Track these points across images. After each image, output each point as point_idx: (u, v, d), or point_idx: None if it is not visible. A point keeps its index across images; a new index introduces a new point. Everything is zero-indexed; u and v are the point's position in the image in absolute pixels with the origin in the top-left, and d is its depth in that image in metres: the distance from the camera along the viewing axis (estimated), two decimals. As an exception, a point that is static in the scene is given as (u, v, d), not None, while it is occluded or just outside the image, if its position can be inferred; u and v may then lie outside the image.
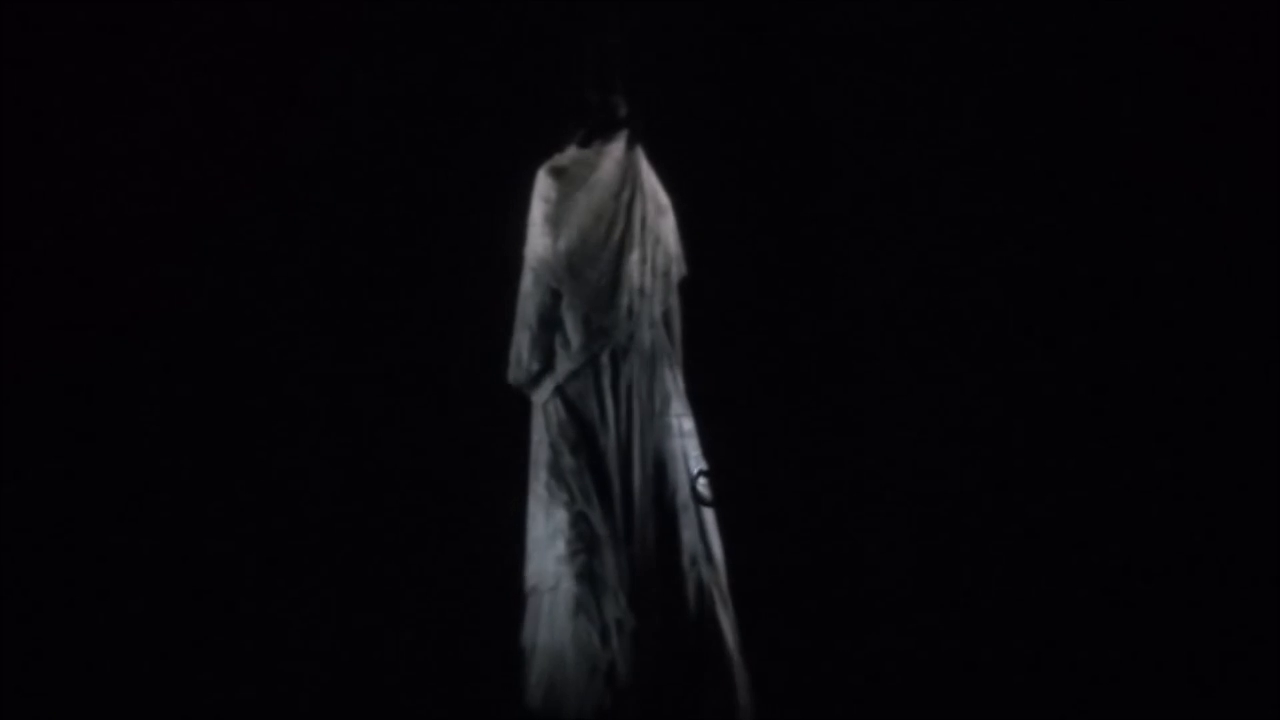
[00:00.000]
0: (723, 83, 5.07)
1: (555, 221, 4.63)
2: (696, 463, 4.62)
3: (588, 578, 4.48)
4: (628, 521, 4.54)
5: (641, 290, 4.60)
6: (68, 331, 5.10)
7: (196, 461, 5.09)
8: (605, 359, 4.58)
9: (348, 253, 5.16)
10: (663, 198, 4.70)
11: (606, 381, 4.57)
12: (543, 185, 4.68)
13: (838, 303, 5.03)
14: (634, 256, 4.61)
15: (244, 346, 5.12)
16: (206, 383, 5.11)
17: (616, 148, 4.67)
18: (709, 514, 4.62)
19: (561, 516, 4.53)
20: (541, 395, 4.59)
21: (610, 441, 4.55)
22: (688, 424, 4.65)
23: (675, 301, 4.69)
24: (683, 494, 4.58)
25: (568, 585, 4.48)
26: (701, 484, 4.61)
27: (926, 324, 5.00)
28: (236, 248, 5.12)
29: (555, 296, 4.60)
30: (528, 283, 4.64)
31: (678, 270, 4.70)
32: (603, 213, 4.62)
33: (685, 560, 4.55)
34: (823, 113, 5.08)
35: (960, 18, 4.95)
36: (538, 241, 4.64)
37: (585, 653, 4.45)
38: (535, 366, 4.59)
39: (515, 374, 4.61)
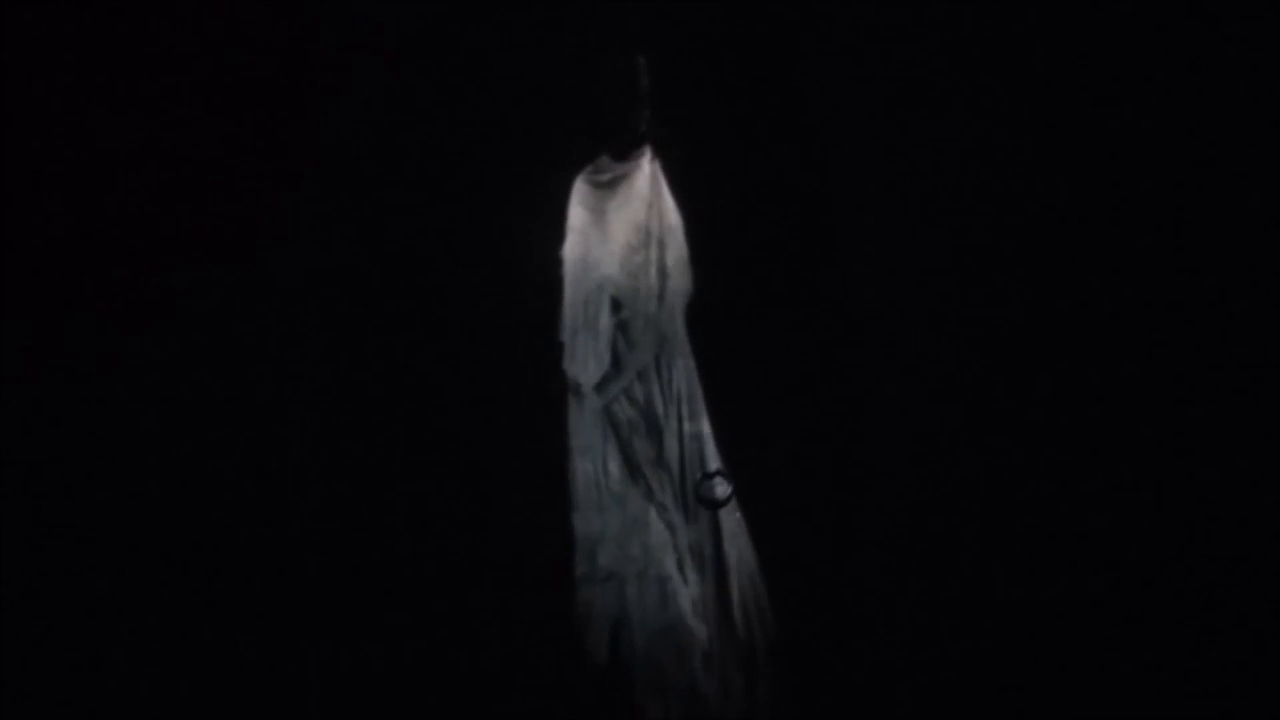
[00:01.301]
0: (732, 92, 5.23)
1: (604, 231, 4.96)
2: (709, 463, 4.98)
3: (677, 564, 4.88)
4: (685, 510, 4.94)
5: (677, 292, 4.96)
6: (96, 334, 5.08)
7: (206, 461, 5.11)
8: (663, 359, 4.94)
9: (369, 256, 5.21)
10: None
11: (664, 378, 4.94)
12: (586, 195, 5.00)
13: (845, 305, 5.20)
14: (670, 262, 4.94)
15: (257, 347, 5.16)
16: (217, 383, 5.13)
17: (644, 160, 4.99)
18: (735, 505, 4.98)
19: (642, 507, 4.91)
20: (608, 396, 4.94)
21: (671, 437, 4.92)
22: (704, 426, 4.99)
23: None
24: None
25: (657, 571, 4.88)
26: (706, 485, 4.94)
27: (932, 325, 5.16)
28: (254, 250, 5.15)
29: (615, 303, 4.95)
30: (586, 289, 4.98)
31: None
32: (639, 222, 4.97)
33: (727, 546, 4.93)
34: (830, 118, 5.25)
35: (976, 30, 5.13)
36: (592, 250, 4.97)
37: (689, 633, 4.85)
38: (604, 370, 4.94)
39: (584, 378, 4.95)
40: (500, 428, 5.09)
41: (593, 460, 4.91)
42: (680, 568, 4.86)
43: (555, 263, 4.98)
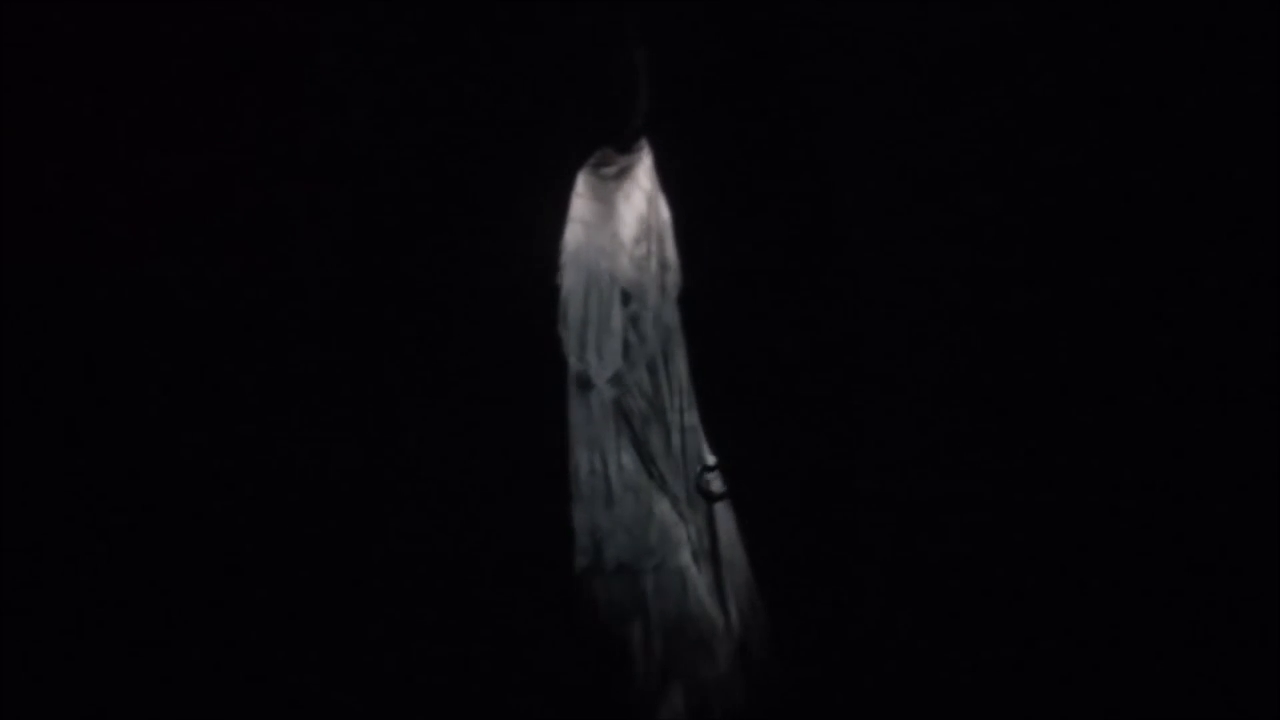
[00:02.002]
0: (729, 83, 5.22)
1: (612, 223, 4.94)
2: (705, 456, 4.98)
3: (694, 555, 4.88)
4: (690, 501, 4.94)
5: (675, 285, 4.95)
6: (98, 330, 5.09)
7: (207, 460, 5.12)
8: (667, 351, 4.93)
9: (368, 250, 5.21)
10: None
11: (670, 370, 4.92)
12: (593, 187, 4.97)
13: (845, 299, 5.20)
14: (670, 253, 4.94)
15: (255, 340, 5.16)
16: (216, 374, 5.13)
17: (644, 152, 4.97)
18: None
19: (657, 498, 4.89)
20: (620, 389, 4.91)
21: (675, 429, 4.91)
22: (697, 419, 4.98)
23: None
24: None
25: (676, 563, 4.87)
26: (704, 479, 4.96)
27: (932, 326, 5.16)
28: (254, 245, 5.15)
29: (626, 296, 4.93)
30: (597, 282, 4.94)
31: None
32: (641, 214, 4.95)
33: (722, 539, 4.93)
34: (830, 108, 5.23)
35: (978, 24, 5.12)
36: (600, 243, 4.93)
37: (709, 624, 4.85)
38: (617, 364, 4.90)
39: (597, 372, 4.91)
40: (504, 421, 5.06)
41: (601, 453, 4.88)
42: (695, 559, 4.87)
43: (557, 254, 4.95)
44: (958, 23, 5.11)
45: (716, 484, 4.92)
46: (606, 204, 4.94)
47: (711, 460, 4.93)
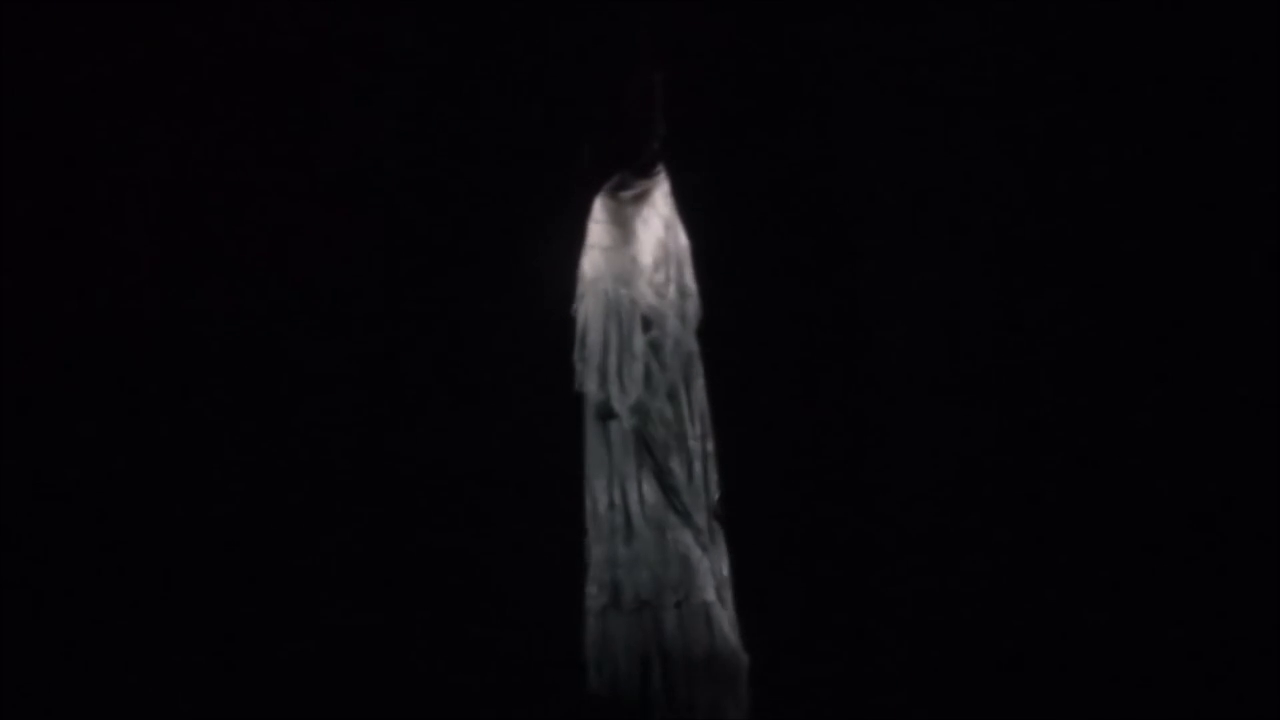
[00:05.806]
0: (747, 108, 5.21)
1: (631, 248, 4.84)
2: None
3: (715, 589, 4.73)
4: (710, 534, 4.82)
5: (694, 311, 4.88)
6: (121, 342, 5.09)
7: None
8: (688, 378, 4.82)
9: (385, 273, 5.16)
10: None
11: (691, 397, 4.82)
12: (611, 211, 4.88)
13: (858, 322, 5.21)
14: (689, 280, 4.87)
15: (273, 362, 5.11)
16: (236, 401, 5.09)
17: (661, 177, 4.89)
18: None
19: (680, 531, 4.75)
20: (641, 418, 4.79)
21: (697, 458, 4.80)
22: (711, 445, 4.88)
23: None
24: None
25: (700, 598, 4.71)
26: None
27: (946, 344, 5.19)
28: (277, 267, 5.11)
29: (647, 322, 4.82)
30: (618, 308, 4.82)
31: None
32: (661, 239, 4.87)
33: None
34: (844, 132, 5.24)
35: (995, 48, 5.14)
36: (620, 268, 4.83)
37: (736, 661, 4.70)
38: (639, 392, 4.76)
39: (619, 401, 4.78)
40: (521, 452, 5.00)
41: (621, 485, 4.76)
42: (718, 592, 4.75)
43: (574, 282, 4.86)
44: (977, 45, 5.14)
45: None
46: (625, 228, 4.85)
47: (720, 486, 4.81)
